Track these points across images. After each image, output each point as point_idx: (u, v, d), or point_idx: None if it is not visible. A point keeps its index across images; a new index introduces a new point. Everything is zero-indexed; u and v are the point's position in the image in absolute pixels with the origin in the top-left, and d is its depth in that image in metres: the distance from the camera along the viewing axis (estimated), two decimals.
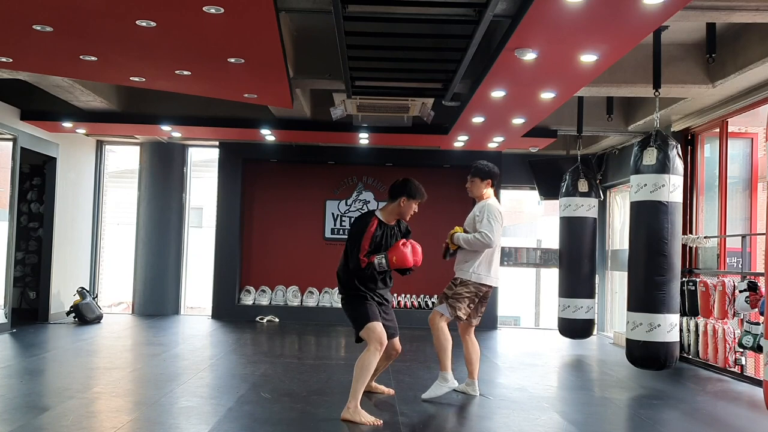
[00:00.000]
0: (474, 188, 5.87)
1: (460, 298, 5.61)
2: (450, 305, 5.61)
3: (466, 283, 5.63)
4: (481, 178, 5.83)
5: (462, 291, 5.61)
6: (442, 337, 5.59)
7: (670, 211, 6.28)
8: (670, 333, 6.27)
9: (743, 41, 6.21)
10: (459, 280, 5.66)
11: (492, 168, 5.88)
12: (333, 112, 8.01)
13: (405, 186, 5.25)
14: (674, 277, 6.33)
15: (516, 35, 5.00)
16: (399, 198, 5.21)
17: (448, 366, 5.58)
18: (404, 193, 5.21)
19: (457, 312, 5.60)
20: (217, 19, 4.84)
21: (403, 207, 5.22)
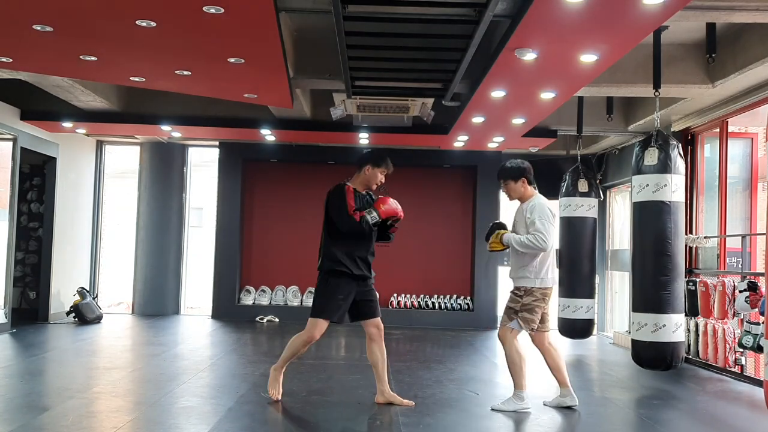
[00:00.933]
0: (512, 192, 5.48)
1: (531, 309, 5.23)
2: (522, 319, 5.24)
3: (531, 291, 5.23)
4: (514, 179, 5.46)
5: (530, 301, 5.25)
6: (515, 354, 5.27)
7: (673, 210, 6.28)
8: (676, 333, 6.26)
9: (743, 41, 6.21)
10: (523, 289, 5.25)
11: (520, 164, 5.49)
12: (333, 112, 8.02)
13: (370, 155, 5.41)
14: (678, 276, 6.33)
15: (516, 35, 5.00)
16: (364, 166, 5.35)
17: (523, 384, 5.26)
18: (369, 161, 5.34)
19: (531, 324, 5.26)
20: (217, 19, 4.84)
21: (369, 175, 5.34)
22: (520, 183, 5.48)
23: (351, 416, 5.13)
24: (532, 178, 5.52)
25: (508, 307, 5.35)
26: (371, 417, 5.08)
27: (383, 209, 5.18)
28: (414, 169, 11.73)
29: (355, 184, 5.35)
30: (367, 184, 5.39)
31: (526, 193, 5.49)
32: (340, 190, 5.23)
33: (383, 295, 11.48)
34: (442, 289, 11.63)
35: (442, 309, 11.40)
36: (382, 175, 5.39)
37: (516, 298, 5.31)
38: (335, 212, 5.16)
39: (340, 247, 5.15)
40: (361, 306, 5.28)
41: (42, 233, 10.48)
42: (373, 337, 5.33)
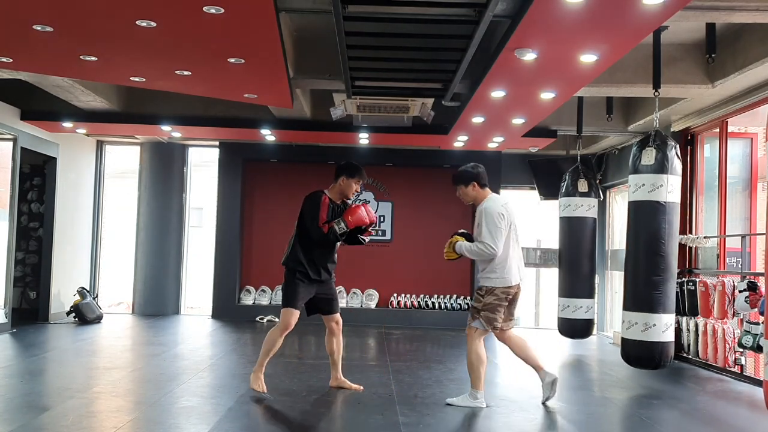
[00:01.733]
0: (465, 196, 5.60)
1: (492, 307, 5.32)
2: (485, 318, 5.34)
3: (492, 291, 5.32)
4: (465, 184, 5.53)
5: (491, 300, 5.33)
6: (475, 358, 5.34)
7: (668, 211, 6.29)
8: (665, 333, 6.28)
9: (743, 41, 6.21)
10: (485, 289, 5.35)
11: (470, 169, 5.57)
12: (333, 112, 8.02)
13: (344, 166, 5.71)
14: (671, 277, 6.34)
15: (516, 35, 5.00)
16: (339, 177, 5.67)
17: (480, 385, 5.36)
18: (344, 172, 5.66)
19: (493, 323, 5.34)
20: (217, 19, 4.84)
21: (344, 185, 5.66)
22: (471, 187, 5.56)
23: (351, 416, 5.13)
24: (484, 182, 5.57)
25: (472, 306, 5.48)
26: (371, 417, 5.08)
27: (351, 220, 5.54)
28: (414, 169, 11.74)
29: (332, 194, 5.70)
30: (343, 193, 5.71)
31: (479, 196, 5.56)
32: (315, 200, 5.60)
33: (383, 295, 11.50)
34: (442, 289, 11.63)
35: (442, 309, 11.40)
36: (357, 185, 5.73)
37: (479, 297, 5.41)
38: (308, 220, 5.56)
39: (304, 251, 5.59)
40: (320, 302, 5.72)
41: (42, 233, 10.48)
42: (333, 331, 5.80)
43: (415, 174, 11.79)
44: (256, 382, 5.54)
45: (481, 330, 5.35)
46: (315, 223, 5.50)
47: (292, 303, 5.54)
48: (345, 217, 5.53)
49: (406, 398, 5.61)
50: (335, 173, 5.71)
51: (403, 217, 11.66)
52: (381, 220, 11.69)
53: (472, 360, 5.37)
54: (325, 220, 5.52)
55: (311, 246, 5.58)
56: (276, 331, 5.56)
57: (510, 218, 5.43)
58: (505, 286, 5.34)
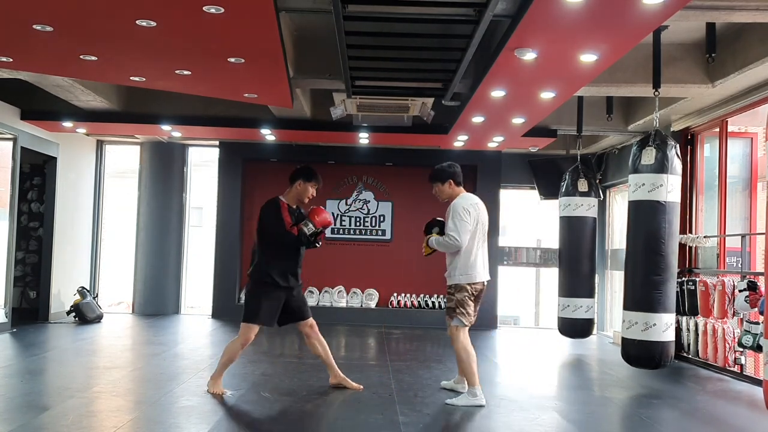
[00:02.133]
0: (441, 193, 5.76)
1: (464, 303, 5.49)
2: (460, 314, 5.46)
3: (460, 288, 5.52)
4: (442, 182, 5.73)
5: (462, 296, 5.49)
6: (464, 354, 5.44)
7: (668, 210, 6.29)
8: (666, 332, 6.28)
9: (743, 41, 6.21)
10: (454, 287, 5.54)
11: (447, 168, 5.77)
12: (333, 112, 8.02)
13: (301, 170, 5.69)
14: (671, 276, 6.34)
15: (516, 35, 5.00)
16: (296, 181, 5.65)
17: (475, 381, 5.44)
18: (300, 176, 5.65)
19: (468, 317, 5.48)
20: (217, 19, 4.84)
21: (300, 189, 5.65)
22: (447, 185, 5.73)
23: (351, 416, 5.13)
24: (459, 180, 5.77)
25: (447, 306, 5.61)
26: (371, 416, 5.08)
27: (318, 220, 5.55)
28: (414, 169, 11.73)
29: (288, 199, 5.67)
30: (299, 198, 5.69)
31: (454, 194, 5.73)
32: (275, 206, 5.55)
33: (383, 295, 11.50)
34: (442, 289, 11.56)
35: (442, 309, 11.38)
36: (313, 189, 5.71)
37: (450, 296, 5.56)
38: (274, 227, 5.49)
39: (270, 260, 5.51)
40: (291, 310, 5.68)
41: (42, 233, 10.48)
42: (310, 335, 5.81)
43: (415, 174, 11.77)
44: (214, 387, 5.52)
45: (462, 327, 5.49)
46: (282, 229, 5.46)
47: (254, 318, 5.50)
48: (311, 217, 5.53)
49: (406, 398, 5.61)
50: (291, 177, 5.68)
51: (403, 217, 11.66)
52: (381, 220, 11.70)
53: (463, 357, 5.47)
54: (291, 223, 5.50)
55: (277, 254, 5.52)
56: (236, 343, 5.54)
57: (478, 216, 5.61)
58: (472, 282, 5.52)
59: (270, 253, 5.52)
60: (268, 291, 5.49)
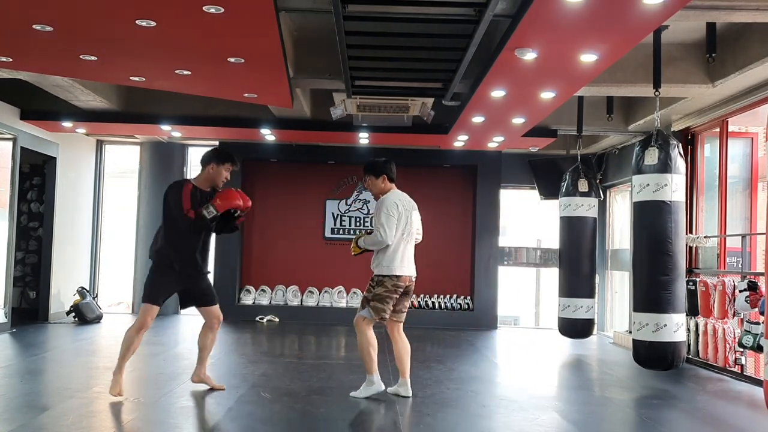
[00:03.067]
0: (372, 186, 5.76)
1: (381, 298, 5.49)
2: (372, 308, 5.50)
3: (382, 282, 5.50)
4: (376, 175, 5.71)
5: (381, 291, 5.50)
6: (365, 341, 5.51)
7: (674, 210, 6.28)
8: (677, 333, 6.27)
9: (743, 41, 6.21)
10: (376, 279, 5.55)
11: (383, 163, 5.77)
12: (333, 112, 8.01)
13: (213, 153, 5.54)
14: (679, 276, 6.33)
15: (516, 35, 5.00)
16: (208, 165, 5.46)
17: (373, 369, 5.52)
18: (213, 159, 5.46)
19: (381, 313, 5.51)
20: (217, 19, 4.84)
21: (213, 172, 5.46)
22: (381, 180, 5.72)
23: (351, 416, 5.13)
24: (392, 176, 5.77)
25: (363, 296, 5.64)
26: (371, 417, 5.08)
27: (219, 203, 5.32)
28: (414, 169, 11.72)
29: (198, 182, 5.47)
30: (213, 181, 5.49)
31: (385, 189, 5.73)
32: (177, 188, 5.36)
33: None
34: (442, 289, 11.63)
35: (442, 309, 11.40)
36: (227, 172, 5.53)
37: (370, 287, 5.59)
38: (174, 211, 5.30)
39: (173, 243, 5.34)
40: (196, 295, 5.57)
41: (42, 233, 10.48)
42: (212, 326, 5.66)
43: (415, 174, 11.78)
44: (114, 386, 5.22)
45: (369, 319, 5.52)
46: (180, 212, 5.23)
47: (151, 298, 5.29)
48: (214, 201, 5.30)
49: (406, 398, 5.60)
50: (203, 160, 5.49)
51: None
52: None
53: (364, 345, 5.51)
54: (189, 207, 5.26)
55: (180, 237, 5.32)
56: (132, 329, 5.28)
57: (406, 213, 5.64)
58: (394, 275, 5.52)
59: (171, 236, 5.32)
60: (166, 273, 5.32)
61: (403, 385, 5.69)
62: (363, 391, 5.54)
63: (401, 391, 5.68)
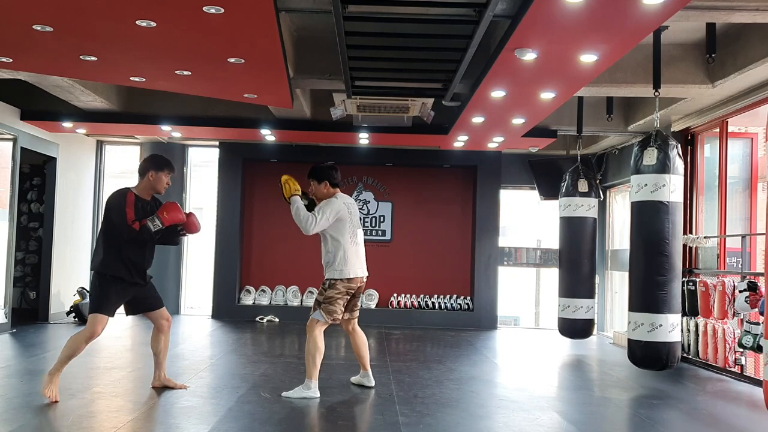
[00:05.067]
0: (316, 191, 5.80)
1: (332, 300, 5.55)
2: (324, 310, 5.55)
3: (334, 284, 5.56)
4: (318, 180, 5.77)
5: (332, 293, 5.56)
6: (312, 346, 5.54)
7: (671, 211, 6.29)
8: (672, 333, 6.28)
9: (743, 41, 6.21)
10: (328, 282, 5.60)
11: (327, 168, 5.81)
12: (333, 112, 8.02)
13: (150, 160, 5.45)
14: (675, 277, 6.34)
15: (516, 35, 5.00)
16: (147, 173, 5.37)
17: (314, 375, 5.54)
18: (151, 166, 5.38)
19: (333, 315, 5.56)
20: (217, 19, 4.84)
21: (153, 180, 5.38)
22: (323, 185, 5.77)
23: (351, 416, 5.13)
24: (335, 182, 5.81)
25: (315, 299, 5.67)
26: (371, 416, 5.08)
27: (166, 217, 5.24)
28: (414, 169, 11.75)
29: (139, 191, 5.38)
30: (154, 189, 5.41)
31: (328, 194, 5.77)
32: (120, 198, 5.23)
33: (383, 295, 11.49)
34: (442, 289, 11.63)
35: (442, 309, 11.40)
36: (167, 178, 5.47)
37: (322, 290, 5.63)
38: (115, 220, 5.17)
39: (116, 254, 5.19)
40: (142, 301, 5.44)
41: (42, 233, 10.48)
42: (162, 328, 5.58)
43: (415, 174, 11.80)
44: (49, 387, 5.08)
45: (321, 321, 5.57)
46: (124, 223, 5.11)
47: (102, 309, 5.15)
48: (160, 213, 5.21)
49: (406, 398, 5.61)
50: (141, 169, 5.39)
51: (403, 217, 11.66)
52: (381, 221, 11.69)
53: (310, 349, 5.54)
54: (133, 218, 5.17)
55: (123, 248, 5.19)
56: (80, 336, 5.17)
57: (351, 217, 5.71)
58: (346, 278, 5.57)
59: (114, 247, 5.17)
60: (115, 283, 5.18)
61: (366, 376, 5.96)
62: (296, 393, 5.51)
63: (365, 382, 5.93)
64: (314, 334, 5.57)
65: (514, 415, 5.26)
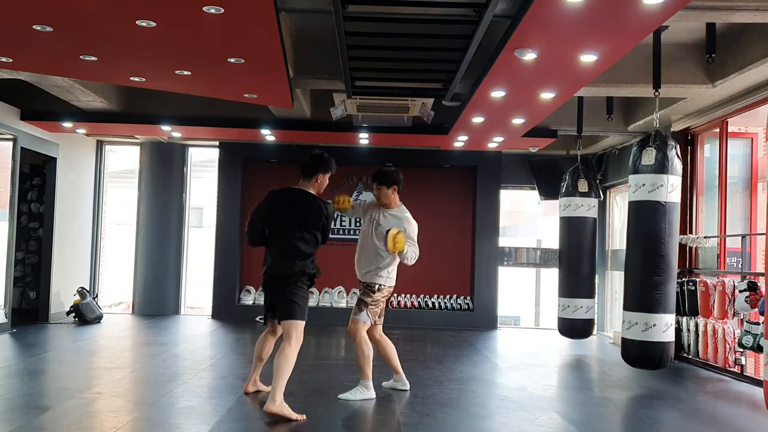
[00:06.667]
0: (383, 197, 5.74)
1: (378, 303, 5.65)
2: (371, 312, 5.61)
3: (382, 289, 5.64)
4: (388, 186, 5.70)
5: (379, 297, 5.65)
6: (366, 347, 5.56)
7: (668, 211, 6.29)
8: (666, 333, 6.28)
9: (743, 41, 6.21)
10: (377, 286, 5.63)
11: (395, 174, 5.75)
12: (333, 112, 8.01)
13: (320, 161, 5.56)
14: (671, 277, 6.34)
15: (516, 35, 5.00)
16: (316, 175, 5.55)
17: (369, 374, 5.56)
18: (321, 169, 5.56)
19: (374, 318, 5.65)
20: (217, 19, 4.84)
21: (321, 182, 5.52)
22: (392, 190, 5.76)
23: (351, 416, 5.13)
24: (401, 189, 5.81)
25: (361, 300, 5.67)
26: (371, 417, 5.08)
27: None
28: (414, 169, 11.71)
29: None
30: (319, 191, 5.51)
31: (394, 202, 5.80)
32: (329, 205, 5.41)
33: None
34: (442, 289, 11.63)
35: (442, 309, 11.40)
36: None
37: (368, 292, 5.65)
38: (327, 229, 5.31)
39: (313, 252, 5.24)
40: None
41: (42, 233, 10.48)
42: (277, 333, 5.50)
43: (415, 174, 11.77)
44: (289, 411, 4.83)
45: (366, 323, 5.61)
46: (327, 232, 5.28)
47: (305, 316, 5.16)
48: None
49: (406, 398, 5.61)
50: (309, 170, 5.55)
51: None
52: None
53: (364, 351, 5.56)
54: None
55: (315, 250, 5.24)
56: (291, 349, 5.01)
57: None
58: (391, 287, 5.72)
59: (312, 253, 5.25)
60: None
61: (400, 380, 5.91)
62: (355, 395, 5.52)
63: (399, 386, 5.90)
64: (362, 335, 5.59)
65: (514, 415, 5.26)
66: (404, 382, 5.92)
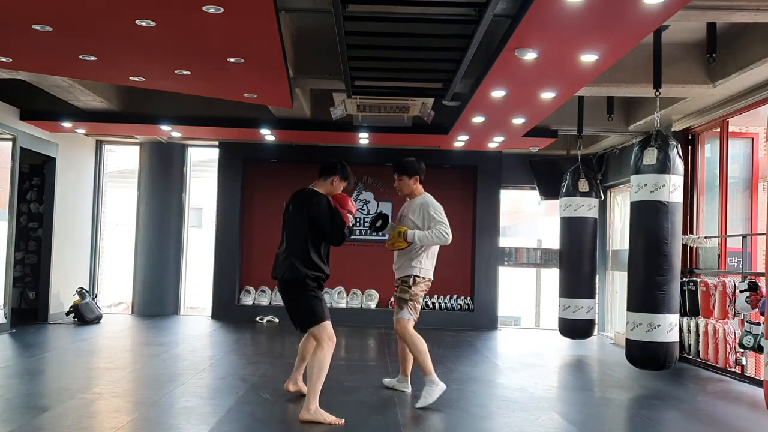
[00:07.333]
0: (405, 187, 5.70)
1: (418, 298, 5.56)
2: (412, 308, 5.54)
3: (419, 282, 5.55)
4: (409, 175, 5.68)
5: (418, 291, 5.56)
6: (418, 343, 5.48)
7: (671, 211, 6.28)
8: (670, 333, 6.27)
9: (744, 41, 6.20)
10: (413, 279, 5.53)
11: (417, 164, 5.71)
12: (333, 112, 8.01)
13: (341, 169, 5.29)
14: (674, 277, 6.33)
15: (516, 35, 4.99)
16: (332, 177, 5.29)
17: (431, 369, 5.46)
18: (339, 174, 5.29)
19: (417, 313, 5.57)
20: (217, 19, 4.83)
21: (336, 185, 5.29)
22: (413, 180, 5.71)
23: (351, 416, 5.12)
24: (423, 178, 5.76)
25: (400, 298, 5.57)
26: (371, 417, 5.07)
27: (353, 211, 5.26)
28: None
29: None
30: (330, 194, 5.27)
31: (417, 191, 5.74)
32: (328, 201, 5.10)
33: (383, 296, 11.48)
34: (442, 290, 11.61)
35: (442, 309, 11.39)
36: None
37: (405, 288, 5.55)
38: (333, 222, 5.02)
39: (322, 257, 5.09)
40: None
41: (42, 233, 10.48)
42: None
43: None
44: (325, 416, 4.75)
45: (411, 320, 5.55)
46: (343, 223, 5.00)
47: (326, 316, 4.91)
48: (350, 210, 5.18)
49: (406, 398, 5.60)
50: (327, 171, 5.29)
51: None
52: None
53: (419, 348, 5.47)
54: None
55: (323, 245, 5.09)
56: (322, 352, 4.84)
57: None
58: (430, 278, 5.62)
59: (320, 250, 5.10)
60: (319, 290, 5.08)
61: (403, 382, 5.86)
62: (430, 396, 5.33)
63: (399, 386, 5.86)
64: (412, 333, 5.50)
65: (515, 415, 5.26)
66: (406, 385, 5.87)
